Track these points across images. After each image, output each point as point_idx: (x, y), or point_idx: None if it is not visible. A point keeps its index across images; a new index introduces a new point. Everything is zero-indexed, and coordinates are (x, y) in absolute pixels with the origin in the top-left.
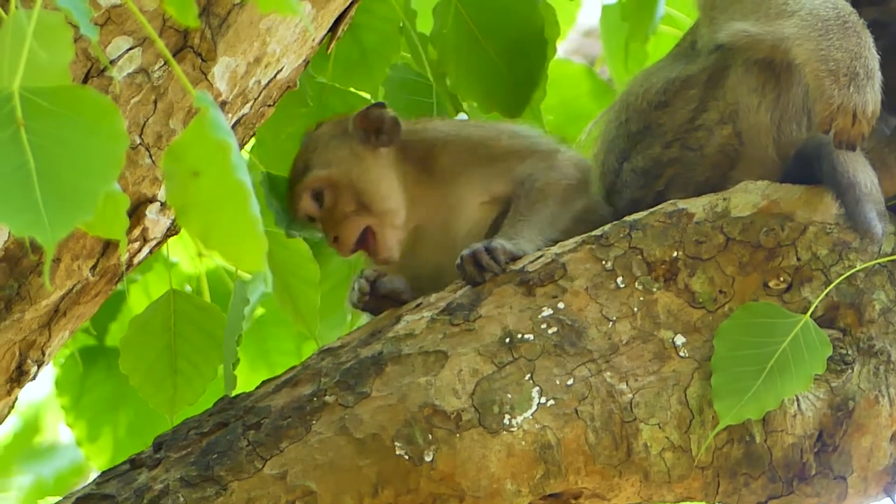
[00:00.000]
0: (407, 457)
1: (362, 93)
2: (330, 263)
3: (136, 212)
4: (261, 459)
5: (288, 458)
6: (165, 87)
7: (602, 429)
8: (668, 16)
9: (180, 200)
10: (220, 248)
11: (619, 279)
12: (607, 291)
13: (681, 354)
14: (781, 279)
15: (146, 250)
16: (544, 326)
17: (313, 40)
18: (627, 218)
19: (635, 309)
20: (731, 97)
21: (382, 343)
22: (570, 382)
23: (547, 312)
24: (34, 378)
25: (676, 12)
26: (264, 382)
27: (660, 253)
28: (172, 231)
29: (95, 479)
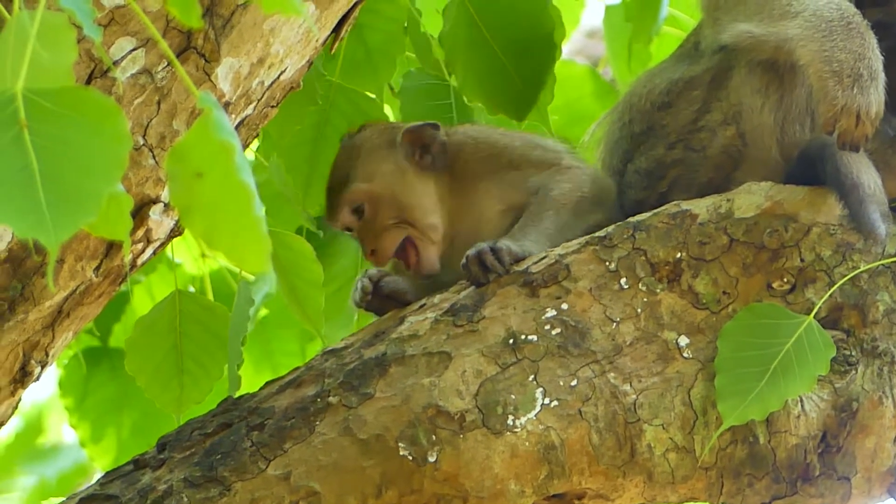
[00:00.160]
0: (410, 457)
1: (368, 93)
2: (336, 265)
3: (140, 213)
4: (264, 460)
5: (291, 459)
6: (169, 88)
7: (606, 429)
8: (672, 17)
9: (184, 201)
10: (224, 249)
11: (623, 280)
12: (611, 292)
13: (684, 355)
14: (785, 280)
15: (150, 251)
16: (548, 327)
17: (317, 41)
18: (631, 219)
19: (639, 310)
20: (735, 98)
21: (386, 344)
22: (574, 383)
23: (550, 313)
24: (38, 379)
25: (680, 13)
26: (268, 383)
27: (663, 254)
28: (176, 232)
29: (99, 480)
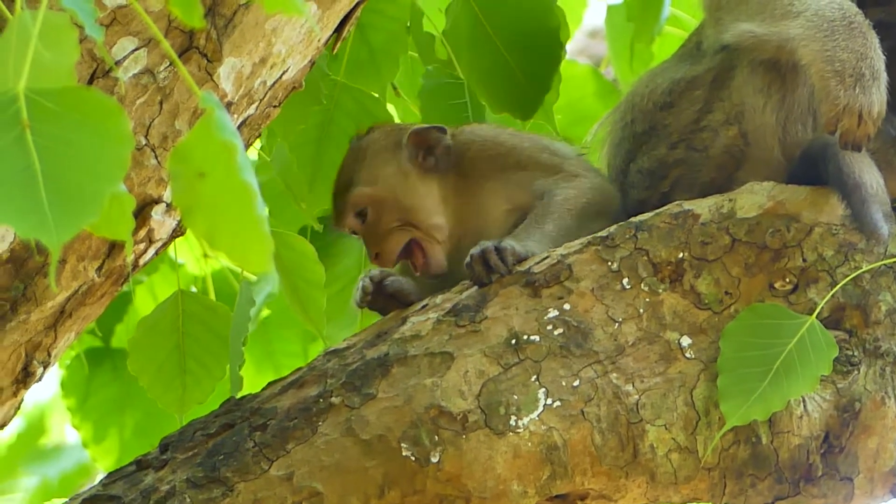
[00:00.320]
0: (413, 458)
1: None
2: (340, 265)
3: (142, 213)
4: (267, 461)
5: (294, 460)
6: (171, 88)
7: (608, 430)
8: (674, 17)
9: (186, 201)
10: (226, 250)
11: (625, 280)
12: (613, 293)
13: (687, 356)
14: (787, 280)
15: (152, 251)
16: (550, 328)
17: (319, 41)
18: (633, 219)
19: (641, 310)
20: (737, 98)
21: (388, 344)
22: (577, 384)
23: (553, 314)
24: (40, 379)
25: (682, 13)
26: (270, 384)
27: (665, 254)
28: (178, 232)
29: (102, 481)
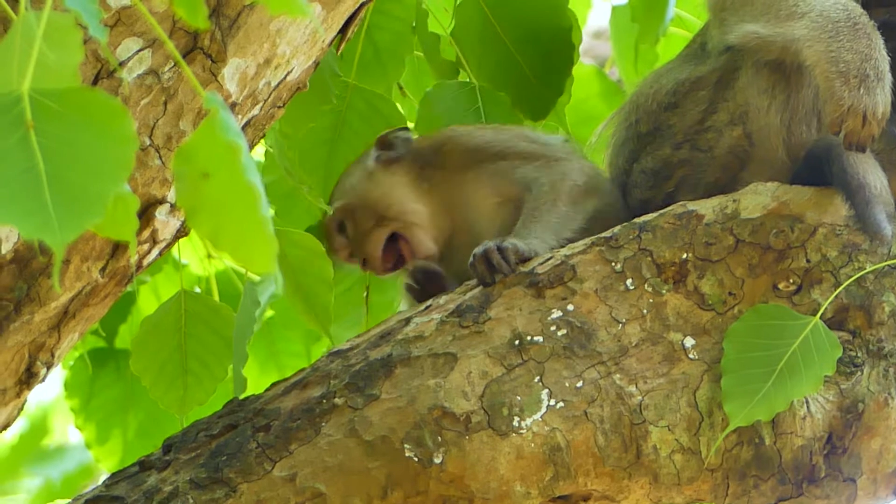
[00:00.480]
0: (416, 459)
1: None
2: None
3: (146, 213)
4: (270, 461)
5: (297, 460)
6: (175, 89)
7: (611, 431)
8: (678, 17)
9: (190, 202)
10: (230, 250)
11: (629, 281)
12: (617, 293)
13: (690, 357)
14: (791, 281)
15: (156, 252)
16: (553, 328)
17: (323, 42)
18: (637, 219)
19: (645, 311)
20: (741, 98)
21: (392, 345)
22: (580, 384)
23: (556, 314)
24: (43, 380)
25: (686, 14)
26: (274, 384)
27: (669, 255)
28: (182, 233)
29: (105, 481)
